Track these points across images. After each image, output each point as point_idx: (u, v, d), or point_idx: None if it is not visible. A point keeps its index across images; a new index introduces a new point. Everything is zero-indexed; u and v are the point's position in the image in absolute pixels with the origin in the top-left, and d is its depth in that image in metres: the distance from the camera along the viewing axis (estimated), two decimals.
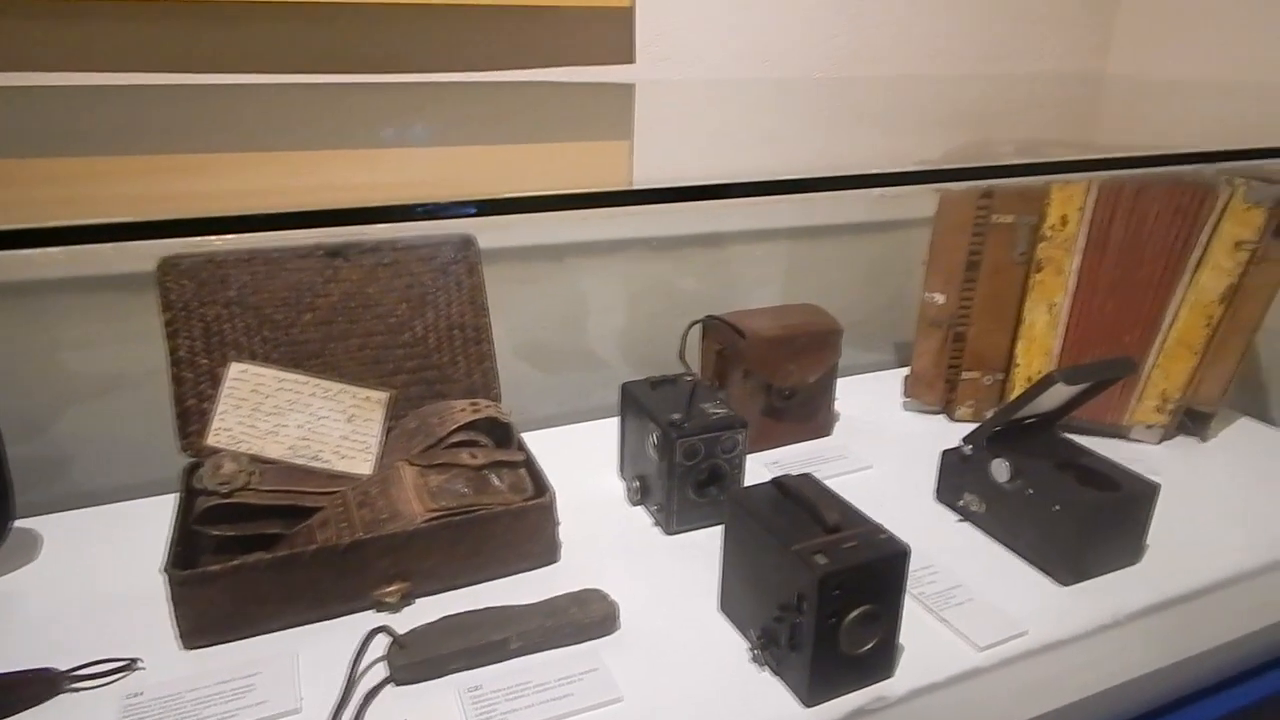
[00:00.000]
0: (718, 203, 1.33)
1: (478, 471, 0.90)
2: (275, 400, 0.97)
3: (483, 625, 0.77)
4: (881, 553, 0.72)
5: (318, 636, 0.80)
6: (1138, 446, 1.20)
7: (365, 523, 0.84)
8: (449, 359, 1.06)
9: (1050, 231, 1.15)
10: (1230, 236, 1.10)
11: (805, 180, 1.20)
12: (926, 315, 1.24)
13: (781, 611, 0.73)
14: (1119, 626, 0.85)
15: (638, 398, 1.01)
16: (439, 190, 1.14)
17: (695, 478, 0.95)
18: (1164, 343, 1.16)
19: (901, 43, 1.40)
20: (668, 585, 0.89)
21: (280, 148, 1.10)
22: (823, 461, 1.13)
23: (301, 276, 1.00)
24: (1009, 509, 0.95)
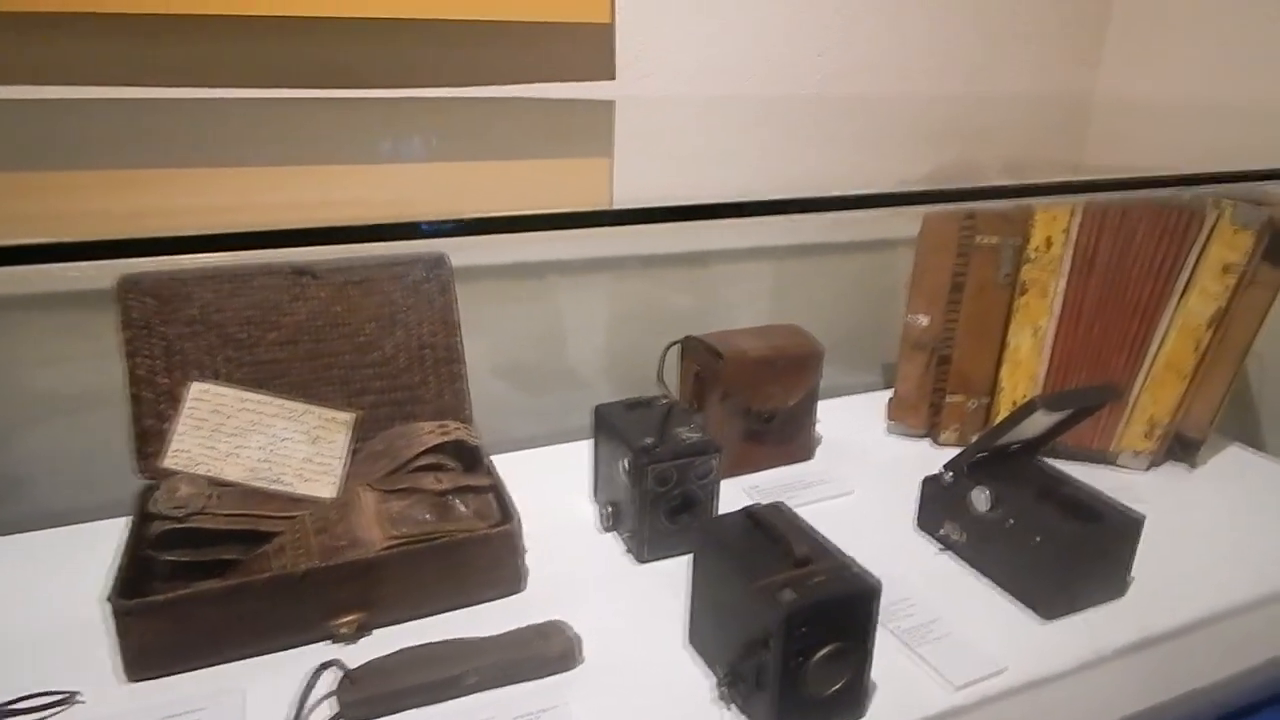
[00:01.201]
0: (699, 223, 1.31)
1: (441, 497, 0.87)
2: (237, 421, 0.94)
3: (439, 659, 0.74)
4: (851, 588, 0.69)
5: (269, 668, 0.77)
6: (1125, 474, 1.17)
7: (322, 550, 0.82)
8: (419, 379, 1.04)
9: (1035, 253, 1.12)
10: (1218, 259, 1.08)
11: (788, 201, 1.19)
12: (910, 337, 1.21)
13: (747, 649, 0.70)
14: (1101, 664, 0.83)
15: (610, 420, 0.98)
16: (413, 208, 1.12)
17: (668, 504, 0.93)
18: (1151, 367, 1.13)
19: (887, 61, 1.38)
20: (636, 617, 0.86)
21: (249, 163, 1.08)
22: (803, 487, 1.11)
23: (267, 294, 0.97)
24: (989, 539, 0.92)
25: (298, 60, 1.06)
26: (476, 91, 1.15)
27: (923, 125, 1.43)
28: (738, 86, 1.30)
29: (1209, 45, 1.37)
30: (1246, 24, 1.31)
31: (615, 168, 1.30)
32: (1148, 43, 1.46)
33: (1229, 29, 1.34)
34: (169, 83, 1.02)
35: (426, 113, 1.13)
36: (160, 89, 1.02)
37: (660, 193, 1.32)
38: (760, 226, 1.41)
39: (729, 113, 1.30)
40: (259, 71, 1.05)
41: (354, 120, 1.10)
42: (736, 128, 1.32)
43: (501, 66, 1.16)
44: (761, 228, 1.39)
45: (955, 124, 1.44)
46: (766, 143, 1.35)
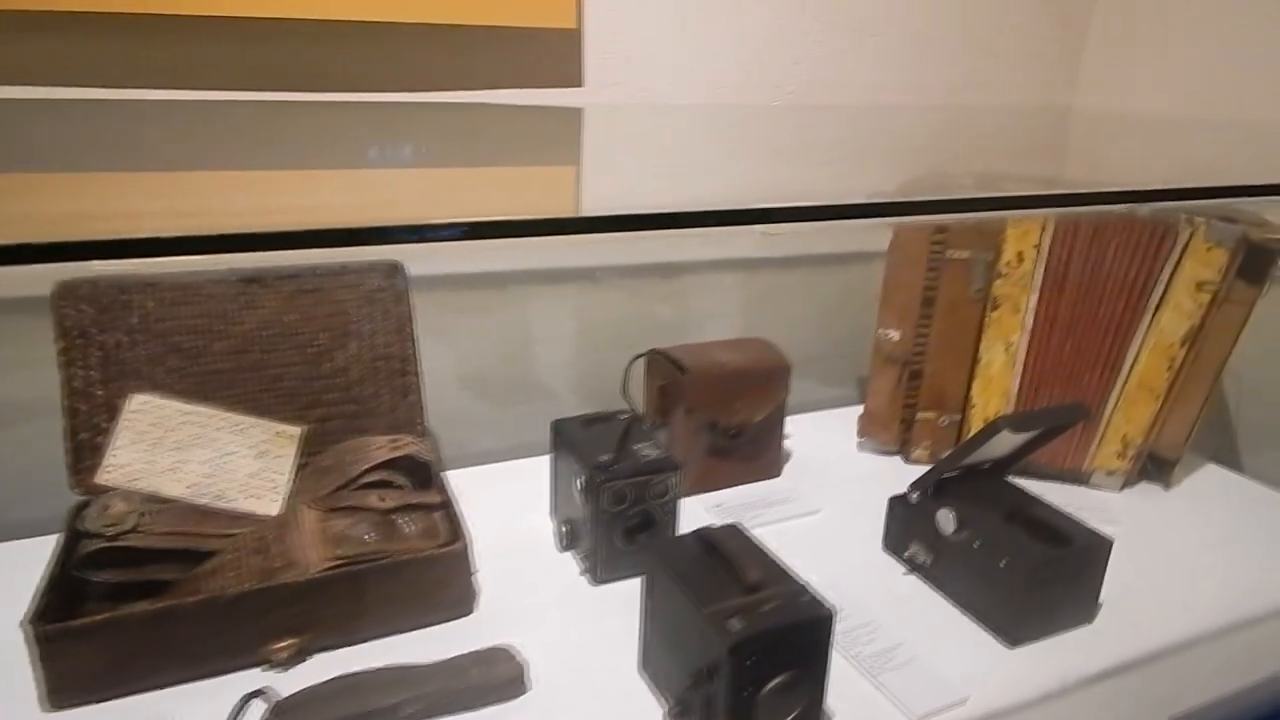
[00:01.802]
0: (670, 232, 1.28)
1: (386, 516, 0.84)
2: (178, 435, 0.91)
3: (374, 688, 0.71)
4: (803, 616, 0.66)
5: (200, 696, 0.74)
6: (1098, 494, 1.15)
7: (257, 571, 0.78)
8: (372, 392, 1.01)
9: (1006, 268, 1.10)
10: (1192, 277, 1.06)
11: (759, 210, 1.16)
12: (881, 352, 1.19)
13: (695, 679, 0.67)
14: (1067, 694, 0.80)
15: (567, 436, 0.95)
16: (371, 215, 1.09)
17: (624, 524, 0.90)
18: (1125, 385, 1.11)
19: (862, 73, 1.37)
20: (588, 641, 0.83)
21: (203, 167, 1.04)
22: (767, 505, 1.08)
23: (214, 303, 0.94)
24: (955, 562, 0.89)
25: (254, 63, 1.03)
26: (439, 97, 1.12)
27: (898, 138, 1.41)
28: (710, 95, 1.28)
29: (1189, 61, 1.35)
30: (1226, 40, 1.30)
31: (582, 177, 1.27)
32: (1127, 56, 1.44)
33: (1209, 45, 1.33)
34: (132, 84, 0.99)
35: (387, 119, 1.10)
36: (107, 90, 0.99)
37: (629, 202, 1.30)
38: (733, 238, 1.39)
39: (700, 122, 1.27)
40: (215, 74, 1.02)
41: (311, 125, 1.07)
42: (708, 137, 1.30)
43: (465, 72, 1.13)
44: (734, 239, 1.37)
45: (931, 137, 1.42)
46: (739, 153, 1.32)
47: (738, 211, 1.13)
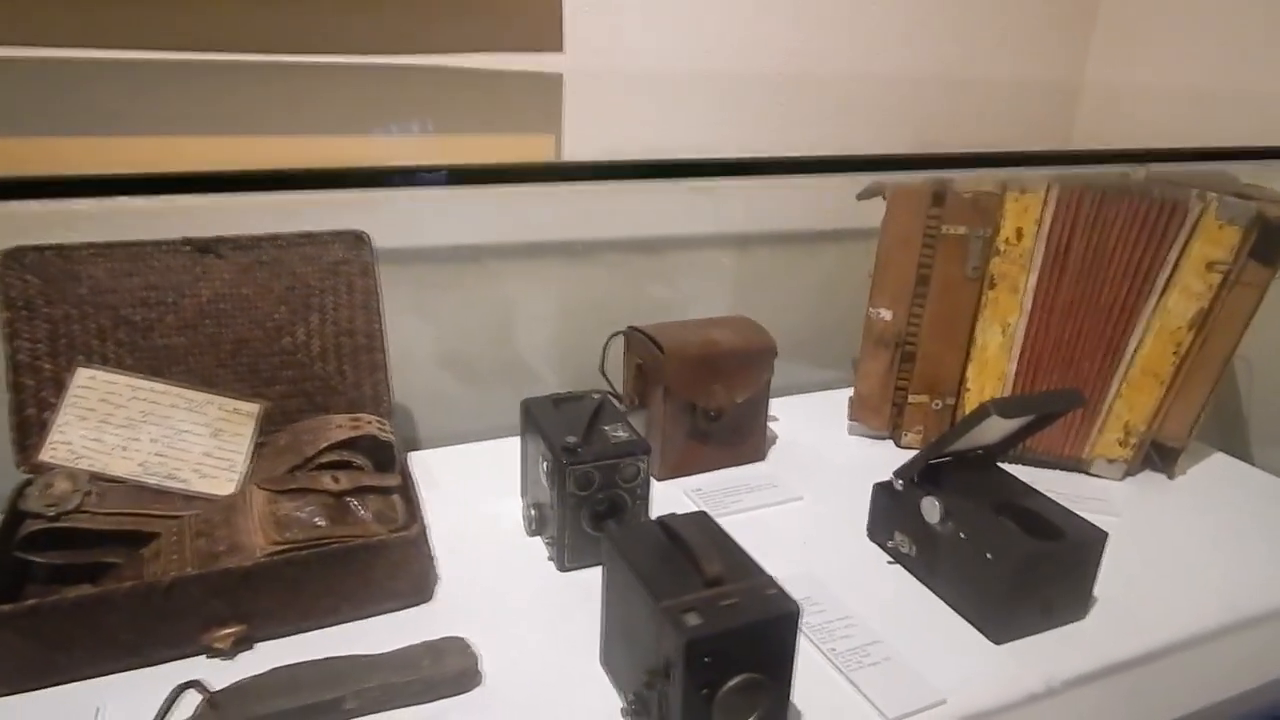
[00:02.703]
0: (659, 199, 1.22)
1: (339, 499, 0.80)
2: (128, 411, 0.87)
3: (315, 681, 0.67)
4: (766, 613, 0.62)
5: (135, 685, 0.70)
6: (1098, 483, 1.10)
7: (199, 555, 0.74)
8: (335, 368, 0.97)
9: (1005, 245, 1.05)
10: (1201, 256, 1.00)
11: (746, 162, 1.10)
12: (872, 332, 1.14)
13: (650, 676, 0.63)
14: (1055, 695, 0.75)
15: (536, 417, 0.91)
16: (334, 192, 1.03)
17: (592, 509, 0.85)
18: (1128, 371, 1.06)
19: (860, 41, 1.30)
20: (551, 631, 0.79)
21: (160, 132, 1.00)
22: (749, 490, 1.03)
23: (165, 274, 0.90)
24: (940, 553, 0.85)
25: (222, 25, 0.98)
26: (412, 60, 1.07)
27: (898, 108, 1.35)
28: (699, 62, 1.22)
29: (1200, 31, 1.28)
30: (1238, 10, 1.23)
31: (563, 146, 1.22)
32: (1138, 30, 1.37)
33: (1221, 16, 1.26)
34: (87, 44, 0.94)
35: (358, 82, 1.05)
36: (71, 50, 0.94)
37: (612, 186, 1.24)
38: (724, 211, 1.33)
39: (688, 91, 1.22)
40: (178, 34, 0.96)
41: (277, 90, 1.02)
42: (695, 107, 1.24)
43: (439, 35, 1.08)
44: (725, 212, 1.31)
45: (929, 109, 1.36)
46: (727, 123, 1.27)
47: (727, 163, 1.08)
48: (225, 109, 1.00)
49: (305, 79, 1.02)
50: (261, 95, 1.01)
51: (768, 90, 1.26)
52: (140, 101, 0.97)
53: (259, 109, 1.03)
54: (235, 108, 1.01)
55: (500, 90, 1.13)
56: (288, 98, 1.03)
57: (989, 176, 1.04)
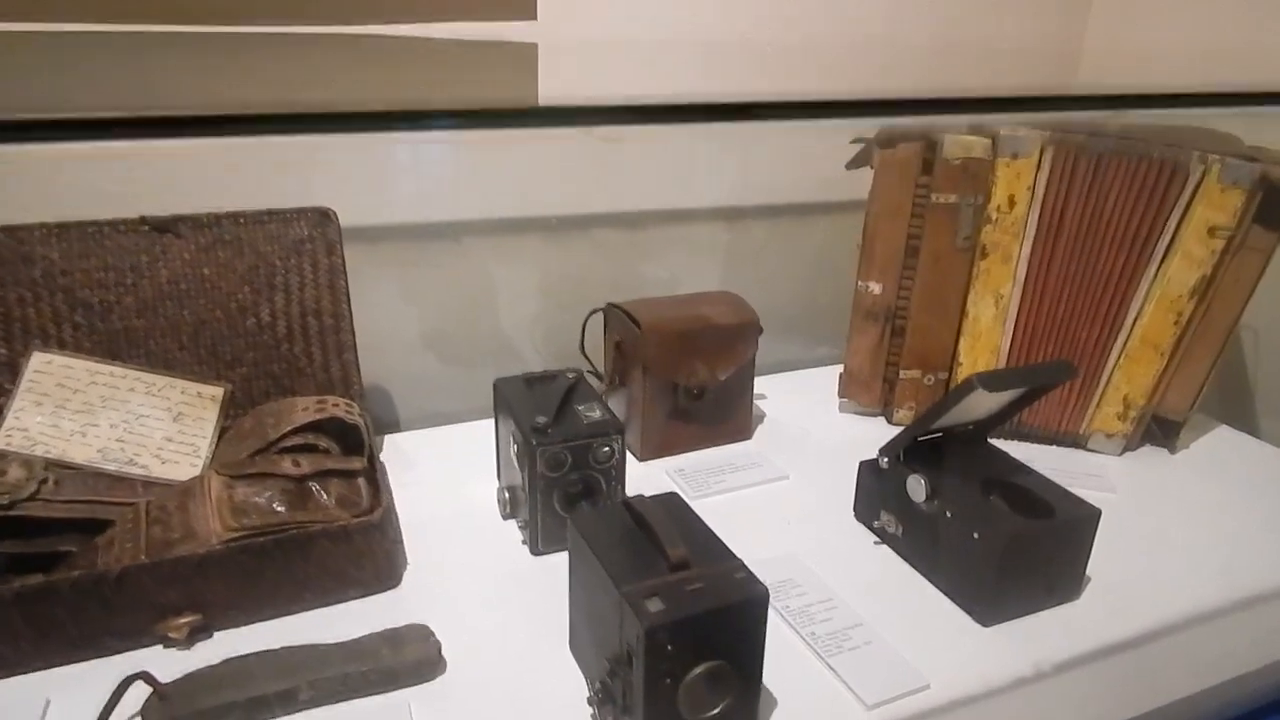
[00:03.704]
0: (645, 172, 1.18)
1: (300, 483, 0.77)
2: (86, 396, 0.85)
3: (268, 672, 0.65)
4: (733, 597, 0.59)
5: (87, 677, 0.68)
6: (1096, 458, 1.06)
7: (153, 543, 0.72)
8: (302, 349, 0.94)
9: (997, 213, 1.00)
10: (1203, 221, 0.96)
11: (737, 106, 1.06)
12: (861, 306, 1.10)
13: (615, 663, 0.60)
14: (1043, 679, 0.72)
15: (508, 396, 0.88)
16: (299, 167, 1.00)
17: (564, 491, 0.83)
18: (1126, 342, 1.02)
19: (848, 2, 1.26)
20: (521, 617, 0.77)
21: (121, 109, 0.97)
22: (733, 470, 1.00)
23: (122, 255, 0.87)
24: (926, 533, 0.82)
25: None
26: (378, 29, 1.03)
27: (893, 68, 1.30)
28: (679, 30, 1.18)
29: None
30: None
31: None
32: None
33: None
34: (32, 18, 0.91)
35: (320, 52, 1.01)
36: None
37: (588, 148, 1.21)
38: (713, 182, 1.29)
39: (668, 56, 1.18)
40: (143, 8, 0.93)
41: (240, 62, 0.99)
42: (676, 72, 1.20)
43: (408, 2, 1.04)
44: (715, 185, 1.28)
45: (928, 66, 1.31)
46: (709, 95, 1.23)
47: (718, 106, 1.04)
48: (184, 83, 0.97)
49: (268, 51, 0.99)
50: (229, 67, 0.98)
51: (752, 56, 1.22)
52: (84, 78, 0.94)
53: (223, 81, 0.99)
54: (195, 81, 0.97)
55: (470, 60, 1.09)
56: (249, 70, 1.00)
57: (979, 141, 0.99)
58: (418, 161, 1.09)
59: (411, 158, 1.08)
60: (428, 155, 1.10)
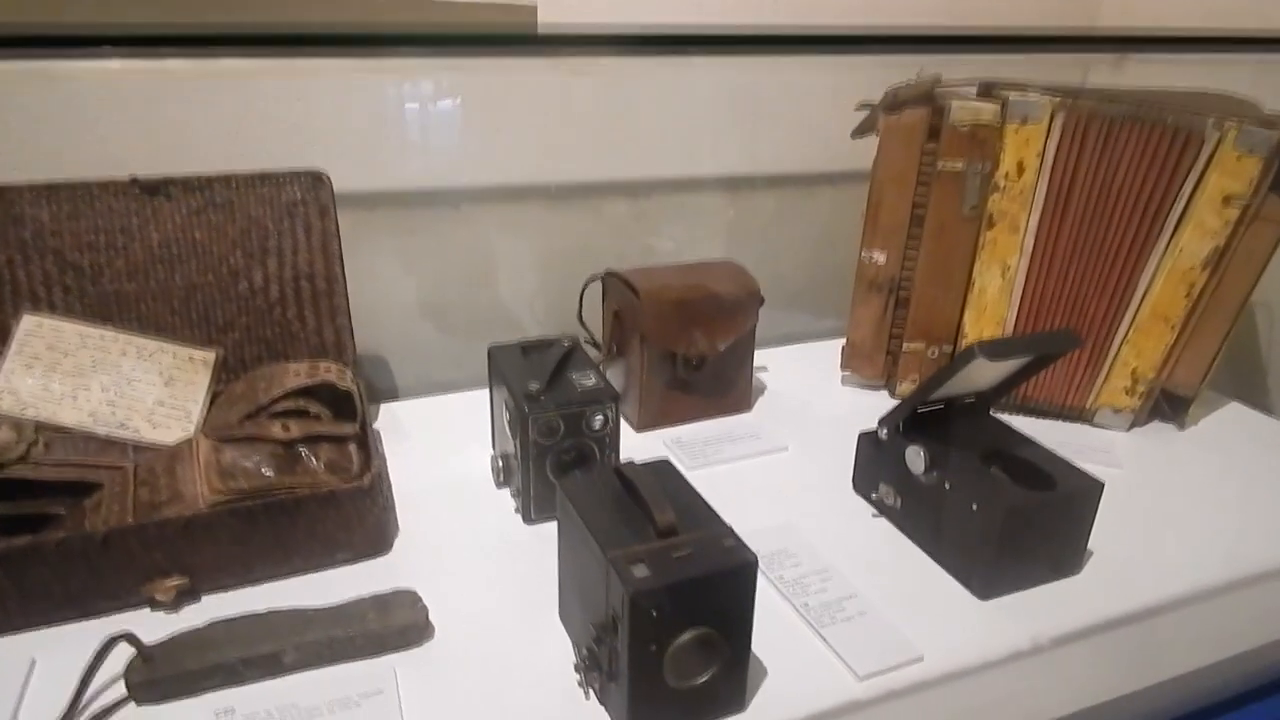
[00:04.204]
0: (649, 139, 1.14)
1: (289, 447, 0.76)
2: (77, 359, 0.84)
3: (252, 635, 0.64)
4: (721, 564, 0.58)
5: (74, 638, 0.67)
6: (1103, 434, 1.04)
7: (140, 505, 0.71)
8: (294, 314, 0.93)
9: (1005, 181, 0.98)
10: (1218, 190, 0.93)
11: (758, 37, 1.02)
12: (865, 277, 1.08)
13: (600, 630, 0.60)
14: (1041, 653, 0.71)
15: (502, 364, 0.87)
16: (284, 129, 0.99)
17: (557, 459, 0.81)
18: (1136, 315, 1.00)
19: None
20: (511, 585, 0.76)
21: None
22: (731, 441, 0.99)
23: (112, 217, 0.86)
24: (925, 505, 0.80)
25: None
26: None
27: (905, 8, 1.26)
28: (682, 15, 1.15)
29: None
30: None
31: None
32: None
33: None
34: None
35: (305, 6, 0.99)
36: None
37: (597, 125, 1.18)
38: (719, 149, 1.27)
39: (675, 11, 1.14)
40: None
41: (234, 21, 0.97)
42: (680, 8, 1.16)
43: None
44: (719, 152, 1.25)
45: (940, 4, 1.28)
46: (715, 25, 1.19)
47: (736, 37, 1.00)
48: None
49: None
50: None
51: (760, 7, 1.18)
52: None
53: None
54: None
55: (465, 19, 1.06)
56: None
57: (988, 107, 0.97)
58: (416, 125, 1.07)
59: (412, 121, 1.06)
60: (426, 117, 1.08)
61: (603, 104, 1.14)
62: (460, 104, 1.09)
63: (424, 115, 1.09)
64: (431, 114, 1.08)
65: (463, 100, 1.09)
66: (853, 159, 1.14)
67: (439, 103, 1.08)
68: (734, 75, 1.20)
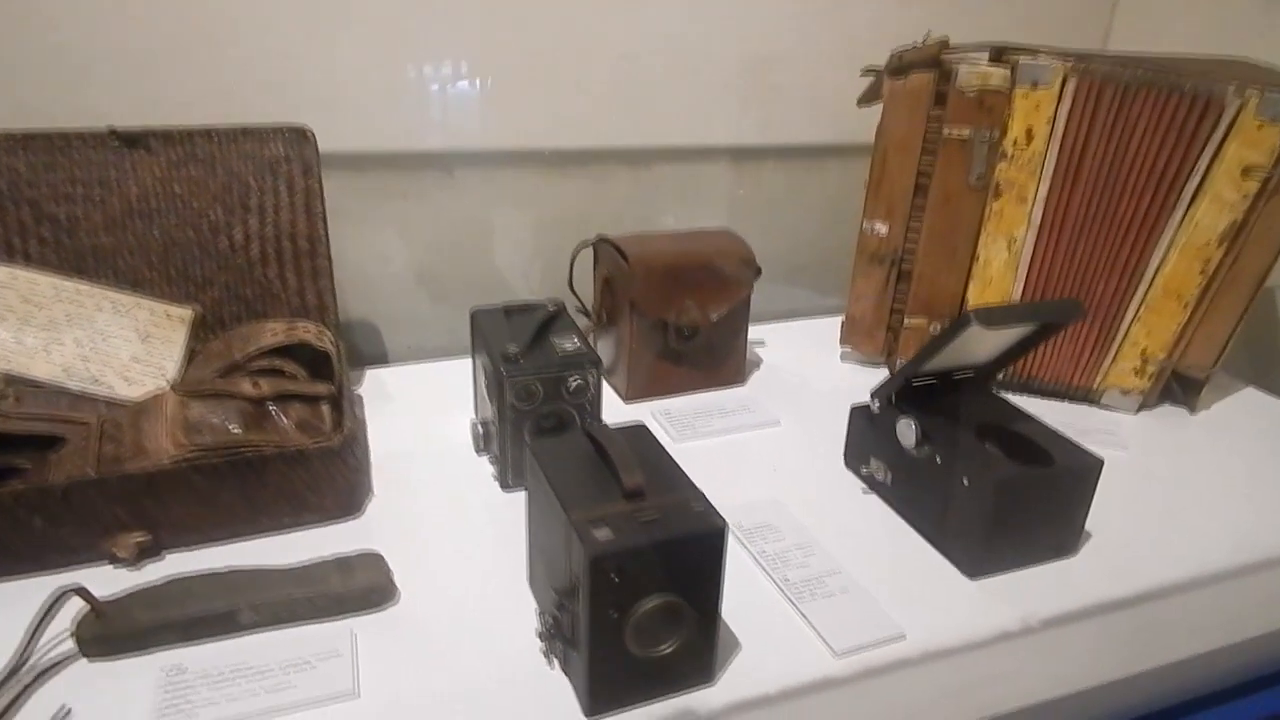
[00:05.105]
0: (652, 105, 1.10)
1: (258, 404, 0.75)
2: (51, 313, 0.82)
3: (210, 591, 0.63)
4: (688, 529, 0.55)
5: (30, 592, 0.65)
6: (1110, 415, 1.00)
7: (103, 460, 0.70)
8: (276, 273, 0.91)
9: (1013, 149, 0.94)
10: (1237, 160, 0.89)
11: None
12: (867, 248, 1.04)
13: (562, 596, 0.57)
14: (1031, 635, 0.68)
15: (484, 327, 0.84)
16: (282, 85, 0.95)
17: (536, 425, 0.79)
18: (1148, 292, 0.95)
19: None
20: (482, 552, 0.74)
21: None
22: (722, 414, 0.96)
23: (90, 168, 0.85)
24: (916, 480, 0.77)
25: None
26: None
27: None
28: None
29: None
30: None
31: None
32: None
33: None
34: None
35: None
36: None
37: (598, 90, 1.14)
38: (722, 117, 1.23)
39: None
40: None
41: None
42: None
43: None
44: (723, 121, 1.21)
45: None
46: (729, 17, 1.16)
47: None
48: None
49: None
50: None
51: None
52: None
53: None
54: None
55: None
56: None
57: (997, 71, 0.93)
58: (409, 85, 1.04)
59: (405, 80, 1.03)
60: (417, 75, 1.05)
61: (605, 68, 1.11)
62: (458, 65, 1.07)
63: (419, 75, 1.06)
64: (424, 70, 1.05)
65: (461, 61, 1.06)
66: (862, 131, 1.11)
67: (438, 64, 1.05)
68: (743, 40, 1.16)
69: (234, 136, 0.88)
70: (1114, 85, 0.90)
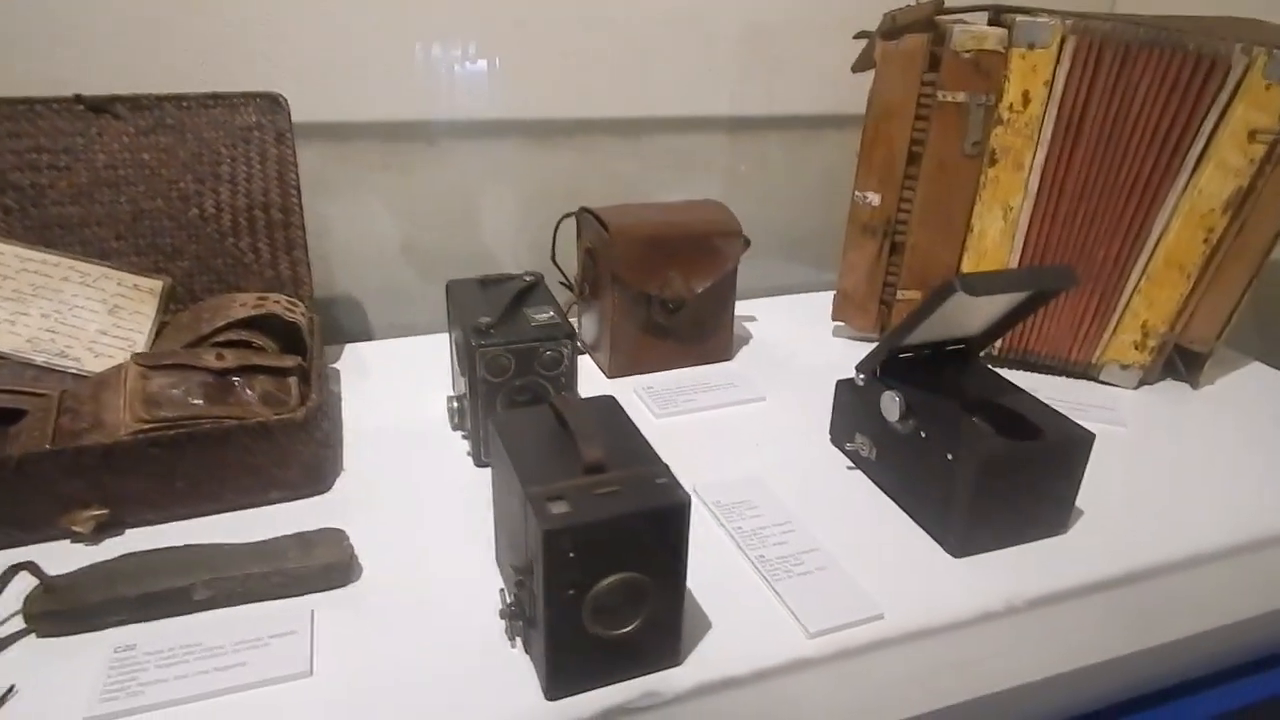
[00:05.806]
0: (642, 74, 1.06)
1: (221, 377, 0.73)
2: (16, 284, 0.81)
3: (165, 568, 0.61)
4: (648, 504, 0.53)
5: None
6: (1109, 390, 0.97)
7: (61, 433, 0.68)
8: (248, 244, 0.89)
9: (1009, 113, 0.90)
10: (1243, 123, 0.85)
11: None
12: (858, 219, 1.01)
13: (521, 573, 0.55)
14: (1016, 615, 0.65)
15: (459, 298, 0.82)
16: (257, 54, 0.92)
17: (509, 399, 0.77)
18: (1149, 262, 0.92)
19: None
20: (450, 529, 0.72)
21: None
22: (706, 390, 0.94)
23: (56, 136, 0.83)
24: (900, 456, 0.75)
25: None
26: None
27: None
28: None
29: None
30: None
31: None
32: None
33: None
34: None
35: None
36: None
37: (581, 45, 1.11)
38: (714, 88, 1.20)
39: None
40: None
41: None
42: None
43: None
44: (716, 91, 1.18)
45: None
46: None
47: None
48: None
49: None
50: None
51: None
52: None
53: None
54: None
55: None
56: None
57: (993, 32, 0.89)
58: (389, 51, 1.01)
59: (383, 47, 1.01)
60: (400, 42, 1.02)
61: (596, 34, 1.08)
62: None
63: (402, 42, 1.03)
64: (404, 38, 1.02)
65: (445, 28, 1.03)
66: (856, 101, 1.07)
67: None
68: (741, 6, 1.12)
69: (204, 103, 0.85)
70: (1114, 45, 0.86)
